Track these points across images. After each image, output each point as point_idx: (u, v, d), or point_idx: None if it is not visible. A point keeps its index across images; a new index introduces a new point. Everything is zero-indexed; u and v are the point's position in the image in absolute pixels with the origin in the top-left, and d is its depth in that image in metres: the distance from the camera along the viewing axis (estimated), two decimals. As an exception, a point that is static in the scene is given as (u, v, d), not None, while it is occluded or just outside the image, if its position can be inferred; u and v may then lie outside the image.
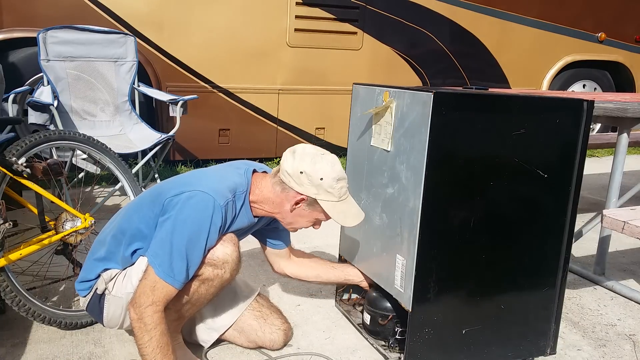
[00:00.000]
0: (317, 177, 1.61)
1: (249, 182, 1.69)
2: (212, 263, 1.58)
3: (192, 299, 1.63)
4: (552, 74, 5.33)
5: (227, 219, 1.60)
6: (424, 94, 1.54)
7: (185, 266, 1.52)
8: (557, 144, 1.68)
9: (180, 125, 3.37)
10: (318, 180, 1.61)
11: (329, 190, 1.62)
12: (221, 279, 1.61)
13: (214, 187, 1.58)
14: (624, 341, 2.06)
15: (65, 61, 3.30)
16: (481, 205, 1.64)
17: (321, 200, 1.63)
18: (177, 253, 1.50)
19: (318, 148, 1.68)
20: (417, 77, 4.88)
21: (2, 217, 1.73)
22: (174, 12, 4.00)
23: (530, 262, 1.74)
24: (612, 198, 2.48)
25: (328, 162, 1.63)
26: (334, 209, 1.64)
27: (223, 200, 1.56)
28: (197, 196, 1.53)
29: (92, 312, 1.76)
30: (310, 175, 1.61)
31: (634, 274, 2.71)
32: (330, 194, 1.63)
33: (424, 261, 1.60)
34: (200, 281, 1.60)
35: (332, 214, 1.65)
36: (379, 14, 4.59)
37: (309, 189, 1.62)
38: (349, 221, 1.68)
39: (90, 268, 1.70)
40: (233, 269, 1.62)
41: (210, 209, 1.53)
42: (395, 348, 1.81)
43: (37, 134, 2.05)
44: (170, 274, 1.50)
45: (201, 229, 1.52)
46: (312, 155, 1.63)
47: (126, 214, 1.69)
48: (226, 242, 1.61)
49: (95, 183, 3.73)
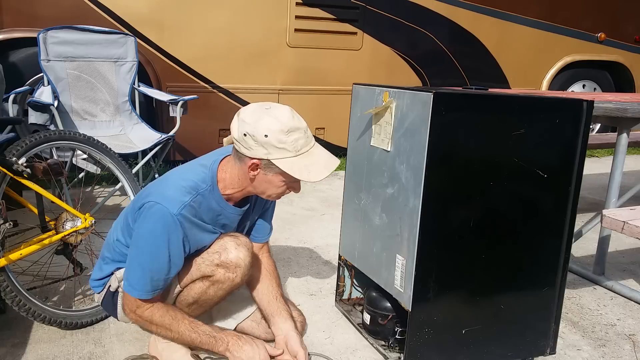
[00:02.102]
0: (261, 134, 1.43)
1: (214, 174, 1.58)
2: (225, 266, 1.58)
3: (200, 300, 1.64)
4: (552, 74, 5.33)
5: (193, 221, 1.54)
6: (424, 94, 1.54)
7: (147, 278, 1.52)
8: (556, 144, 1.68)
9: (180, 125, 3.37)
10: (263, 138, 1.43)
11: (279, 145, 1.44)
12: (232, 283, 1.61)
13: (168, 194, 1.51)
14: (624, 341, 2.06)
15: (66, 61, 3.30)
16: (481, 205, 1.64)
17: (275, 159, 1.46)
18: (137, 266, 1.54)
19: (265, 103, 1.51)
20: (417, 77, 4.88)
21: (2, 217, 1.74)
22: (174, 12, 4.00)
23: (530, 262, 1.74)
24: (611, 198, 2.48)
25: (272, 115, 1.45)
26: (293, 165, 1.46)
27: (177, 206, 1.49)
28: (151, 208, 1.50)
29: (106, 308, 1.77)
30: (254, 135, 1.44)
31: (633, 273, 2.71)
32: (282, 149, 1.45)
33: (424, 261, 1.60)
34: (211, 282, 1.60)
35: (292, 172, 1.46)
36: (379, 14, 4.59)
37: (258, 150, 1.45)
38: (314, 175, 1.47)
39: (103, 266, 1.72)
40: (244, 273, 1.61)
41: (163, 220, 1.48)
42: (395, 348, 1.82)
43: (37, 134, 2.05)
44: (131, 286, 1.55)
45: (157, 241, 1.50)
46: (255, 113, 1.46)
47: (125, 217, 1.69)
48: (240, 247, 1.59)
49: (96, 183, 3.73)
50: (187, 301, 1.64)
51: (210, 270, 1.59)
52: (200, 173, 1.58)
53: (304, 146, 1.49)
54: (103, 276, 1.72)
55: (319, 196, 3.86)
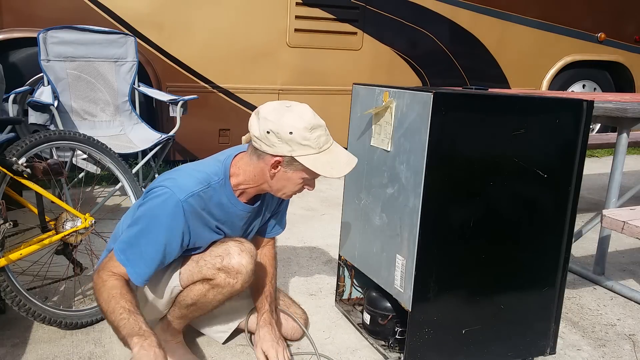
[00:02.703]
0: (285, 132, 1.45)
1: (227, 168, 1.58)
2: (226, 270, 1.57)
3: (198, 302, 1.63)
4: (552, 74, 5.33)
5: (199, 213, 1.53)
6: (424, 94, 1.54)
7: (137, 253, 1.48)
8: (556, 144, 1.68)
9: (180, 125, 3.38)
10: (288, 135, 1.45)
11: (304, 143, 1.46)
12: (231, 289, 1.60)
13: (179, 181, 1.51)
14: (624, 341, 2.06)
15: (66, 61, 3.30)
16: (481, 205, 1.64)
17: (298, 156, 1.47)
18: (136, 241, 1.49)
19: (284, 101, 1.53)
20: (417, 77, 4.88)
21: (2, 217, 1.74)
22: (174, 12, 4.00)
23: (530, 262, 1.74)
24: (611, 198, 2.48)
25: (295, 113, 1.47)
26: (315, 162, 1.48)
27: (185, 194, 1.48)
28: (158, 191, 1.50)
29: None
30: (278, 132, 1.45)
31: (633, 274, 2.71)
32: (306, 147, 1.47)
33: (424, 261, 1.60)
34: (211, 286, 1.59)
35: (315, 168, 1.48)
36: (379, 14, 4.59)
37: (281, 147, 1.46)
38: (336, 171, 1.49)
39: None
40: (245, 281, 1.60)
41: (167, 204, 1.47)
42: (395, 348, 1.82)
43: (37, 134, 2.05)
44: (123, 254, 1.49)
45: (156, 223, 1.48)
46: (277, 111, 1.48)
47: (134, 208, 1.66)
48: (244, 253, 1.58)
49: (96, 183, 3.73)
50: (186, 302, 1.63)
51: (212, 273, 1.57)
52: (214, 166, 1.59)
53: (325, 143, 1.51)
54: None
55: (319, 196, 3.86)
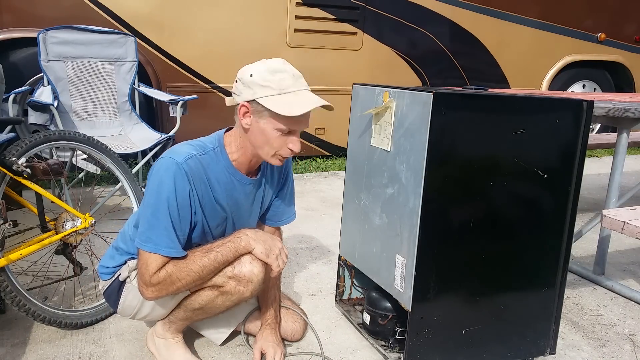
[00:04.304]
0: (246, 75, 1.49)
1: (221, 137, 1.63)
2: (237, 278, 1.56)
3: (206, 307, 1.62)
4: (552, 74, 5.33)
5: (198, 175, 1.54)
6: (424, 94, 1.54)
7: (162, 228, 1.49)
8: (556, 144, 1.68)
9: (180, 125, 3.37)
10: (249, 78, 1.48)
11: (264, 84, 1.47)
12: (240, 296, 1.59)
13: (174, 149, 1.55)
14: (624, 341, 2.06)
15: (66, 61, 3.30)
16: (481, 206, 1.64)
17: (259, 97, 1.47)
18: (153, 219, 1.49)
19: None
20: (417, 77, 4.88)
21: (2, 217, 1.74)
22: (174, 12, 4.00)
23: (530, 262, 1.74)
24: (611, 198, 2.48)
25: (263, 61, 1.51)
26: (276, 102, 1.46)
27: (182, 157, 1.51)
28: (158, 162, 1.53)
29: (108, 298, 1.74)
30: (242, 78, 1.50)
31: (633, 274, 2.71)
32: (266, 87, 1.47)
33: (424, 261, 1.60)
34: (220, 292, 1.59)
35: (274, 107, 1.46)
36: (379, 14, 4.59)
37: (245, 92, 1.50)
38: (296, 109, 1.46)
39: (115, 256, 1.70)
40: (255, 289, 1.59)
41: (168, 169, 1.49)
42: (395, 348, 1.82)
43: (37, 134, 2.05)
44: (149, 241, 1.49)
45: (163, 189, 1.49)
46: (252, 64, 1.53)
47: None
48: (255, 262, 1.57)
49: (95, 183, 3.73)
50: (193, 306, 1.63)
51: (222, 281, 1.56)
52: (209, 138, 1.64)
53: (290, 87, 1.49)
54: (114, 265, 1.70)
55: (319, 196, 3.86)
